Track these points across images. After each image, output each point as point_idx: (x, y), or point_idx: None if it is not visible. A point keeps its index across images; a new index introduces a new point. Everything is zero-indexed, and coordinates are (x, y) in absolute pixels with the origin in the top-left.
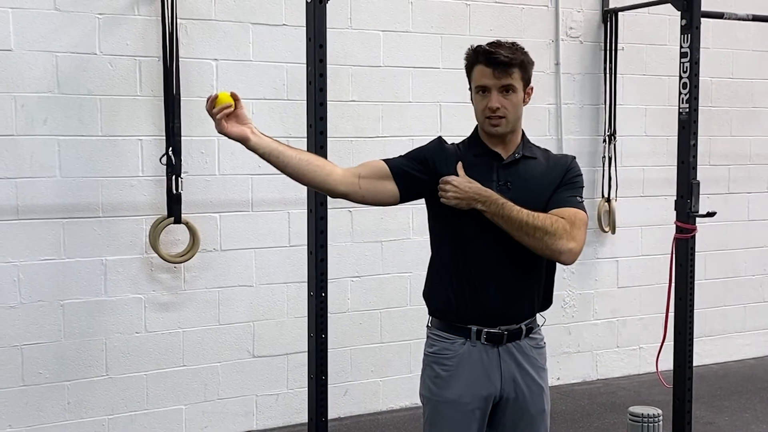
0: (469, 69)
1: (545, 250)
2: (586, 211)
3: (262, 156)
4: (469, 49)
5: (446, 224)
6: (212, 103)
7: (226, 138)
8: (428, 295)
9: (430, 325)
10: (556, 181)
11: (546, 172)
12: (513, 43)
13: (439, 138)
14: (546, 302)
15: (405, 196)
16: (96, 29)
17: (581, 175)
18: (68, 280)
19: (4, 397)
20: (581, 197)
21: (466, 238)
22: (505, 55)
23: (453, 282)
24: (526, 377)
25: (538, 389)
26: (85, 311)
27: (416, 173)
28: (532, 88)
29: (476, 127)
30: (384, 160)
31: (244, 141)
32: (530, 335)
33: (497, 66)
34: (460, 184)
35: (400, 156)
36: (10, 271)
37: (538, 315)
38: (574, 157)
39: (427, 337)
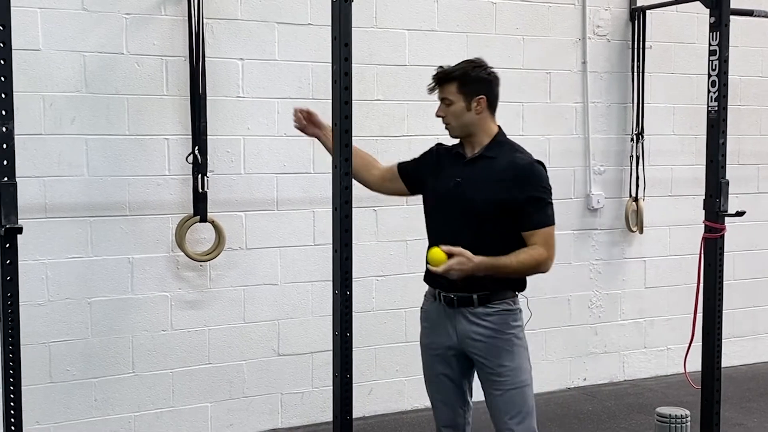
0: None
1: (533, 275)
2: (553, 220)
3: (329, 152)
4: None
5: (426, 208)
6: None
7: (253, 136)
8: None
9: None
10: (509, 185)
11: (502, 172)
12: (467, 62)
13: (436, 144)
14: (515, 282)
15: (413, 191)
16: (123, 29)
17: (547, 184)
18: (95, 278)
19: (32, 394)
20: (551, 206)
21: (434, 217)
22: (438, 74)
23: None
24: (481, 336)
25: (494, 348)
26: (112, 309)
27: (416, 175)
28: (483, 99)
29: None
30: (399, 163)
31: (317, 138)
32: (488, 305)
33: (435, 81)
34: (457, 264)
35: (413, 159)
36: (38, 269)
37: (516, 293)
38: (535, 163)
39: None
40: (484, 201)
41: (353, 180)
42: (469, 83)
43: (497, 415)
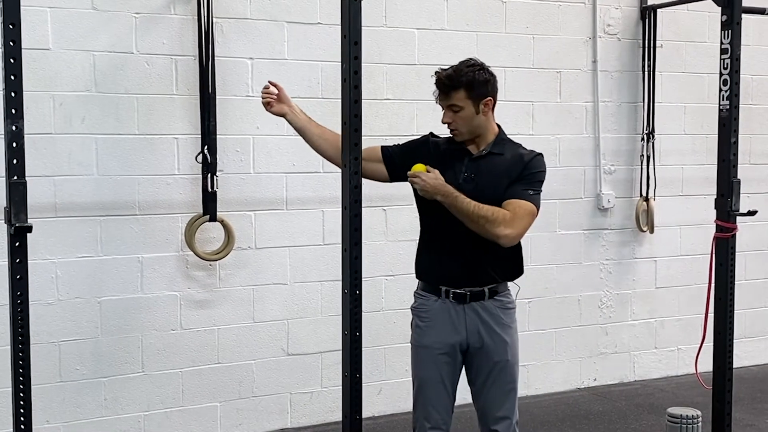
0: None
1: (486, 234)
2: (536, 203)
3: (296, 131)
4: None
5: (422, 201)
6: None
7: (262, 135)
8: (415, 260)
9: (417, 285)
10: (515, 175)
11: (509, 167)
12: (468, 66)
13: (430, 133)
14: (515, 271)
15: (393, 178)
16: (133, 28)
17: (542, 171)
18: (105, 278)
19: (42, 393)
20: (535, 190)
21: (435, 213)
22: (445, 82)
23: (427, 249)
24: (490, 331)
25: (500, 341)
26: (122, 308)
27: (402, 162)
28: (490, 100)
29: None
30: (382, 146)
31: (283, 116)
32: (495, 297)
33: (441, 90)
34: (428, 178)
35: (396, 144)
36: (48, 268)
37: (511, 283)
38: (539, 155)
39: (414, 294)
40: (497, 193)
41: (325, 157)
42: (476, 87)
43: (487, 411)
